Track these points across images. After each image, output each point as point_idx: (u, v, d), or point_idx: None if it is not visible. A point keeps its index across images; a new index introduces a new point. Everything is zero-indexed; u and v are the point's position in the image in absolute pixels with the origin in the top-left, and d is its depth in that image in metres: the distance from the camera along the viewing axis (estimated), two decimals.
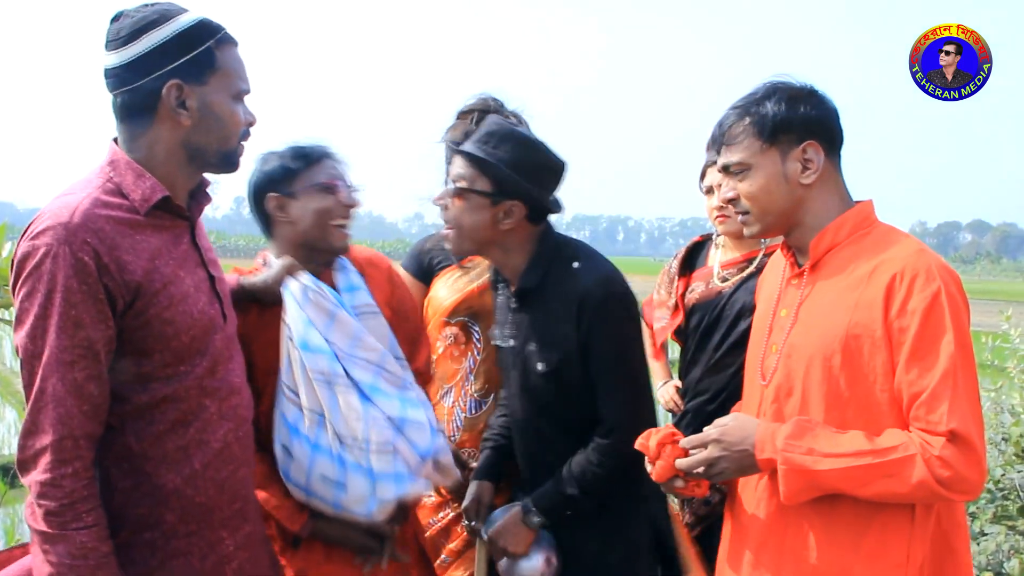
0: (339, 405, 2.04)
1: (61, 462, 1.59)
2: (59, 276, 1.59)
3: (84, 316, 1.61)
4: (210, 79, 1.76)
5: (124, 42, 1.71)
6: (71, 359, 1.60)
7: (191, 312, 1.75)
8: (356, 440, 2.04)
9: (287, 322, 2.09)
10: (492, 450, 2.53)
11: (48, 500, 1.59)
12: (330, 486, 2.06)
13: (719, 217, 2.88)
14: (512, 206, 2.19)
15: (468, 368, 2.74)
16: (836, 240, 1.87)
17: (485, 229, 2.22)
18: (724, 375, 2.72)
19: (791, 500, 1.77)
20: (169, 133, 1.76)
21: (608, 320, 2.18)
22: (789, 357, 1.88)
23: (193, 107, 1.75)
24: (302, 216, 2.20)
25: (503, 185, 2.18)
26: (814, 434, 1.75)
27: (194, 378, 1.75)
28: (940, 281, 1.72)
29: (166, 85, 1.72)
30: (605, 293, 2.19)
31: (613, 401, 2.20)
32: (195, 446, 1.75)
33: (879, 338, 1.74)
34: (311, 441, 2.05)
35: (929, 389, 1.68)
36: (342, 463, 2.05)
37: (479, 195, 2.19)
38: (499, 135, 2.22)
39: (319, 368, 2.04)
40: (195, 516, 1.76)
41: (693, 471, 1.87)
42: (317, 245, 2.21)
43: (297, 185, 2.20)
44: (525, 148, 2.21)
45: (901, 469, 1.67)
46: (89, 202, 1.66)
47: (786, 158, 1.86)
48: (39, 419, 1.60)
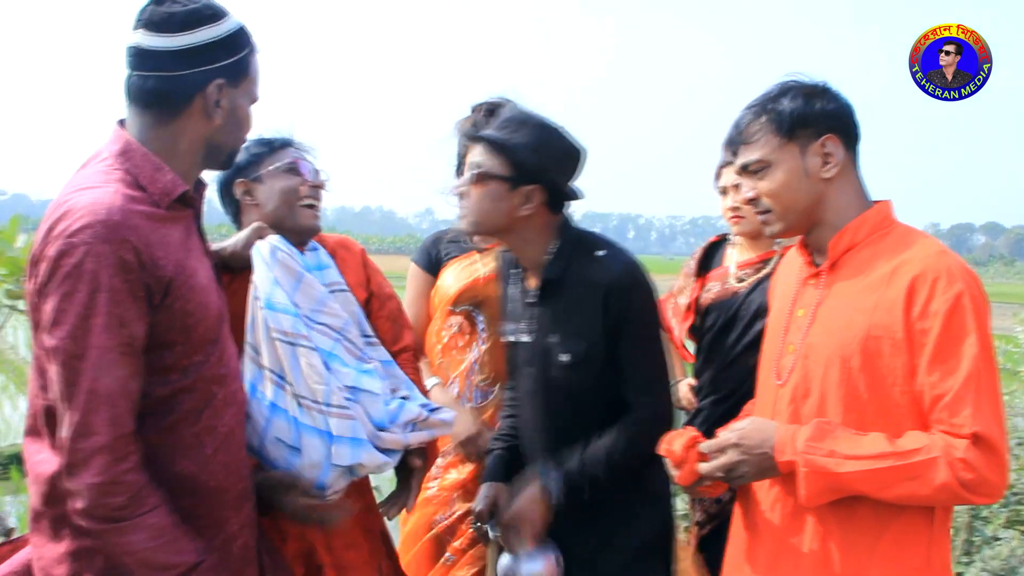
0: (300, 366, 2.01)
1: (119, 460, 1.59)
2: (102, 275, 1.57)
3: (127, 314, 1.60)
4: (242, 83, 1.79)
5: (176, 28, 1.70)
6: (117, 358, 1.60)
7: (207, 303, 1.76)
8: (317, 402, 2.01)
9: (254, 282, 2.08)
10: (503, 451, 2.50)
11: (113, 497, 1.59)
12: (284, 450, 2.03)
13: (734, 218, 2.88)
14: (531, 191, 2.18)
15: (473, 358, 2.75)
16: (855, 240, 1.86)
17: (504, 215, 2.20)
18: (739, 374, 2.72)
19: (811, 502, 1.76)
20: (197, 127, 1.76)
21: (638, 305, 2.18)
22: (807, 358, 1.86)
23: (225, 107, 1.77)
24: (269, 197, 2.24)
25: (522, 169, 2.17)
26: (834, 436, 1.74)
27: (208, 367, 1.76)
28: (962, 283, 1.71)
29: (212, 82, 1.73)
30: (632, 280, 2.18)
31: (643, 387, 2.19)
32: (206, 433, 1.76)
33: (900, 340, 1.73)
34: (269, 401, 2.02)
35: (953, 392, 1.67)
36: (297, 426, 2.01)
37: (498, 180, 2.18)
38: (517, 120, 2.21)
39: (282, 328, 2.02)
40: (206, 499, 1.77)
41: (714, 475, 1.87)
42: (286, 224, 2.23)
43: (262, 169, 2.25)
44: (544, 132, 2.20)
45: (924, 471, 1.66)
46: (122, 198, 1.64)
47: (806, 153, 1.86)
48: (90, 421, 1.58)
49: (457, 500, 2.73)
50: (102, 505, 1.60)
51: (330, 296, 2.15)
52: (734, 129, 1.95)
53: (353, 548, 2.23)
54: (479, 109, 2.77)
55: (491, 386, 2.75)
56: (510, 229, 2.23)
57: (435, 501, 2.75)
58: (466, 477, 2.75)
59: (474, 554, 2.65)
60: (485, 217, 2.21)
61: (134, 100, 1.76)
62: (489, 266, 2.75)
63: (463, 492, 2.74)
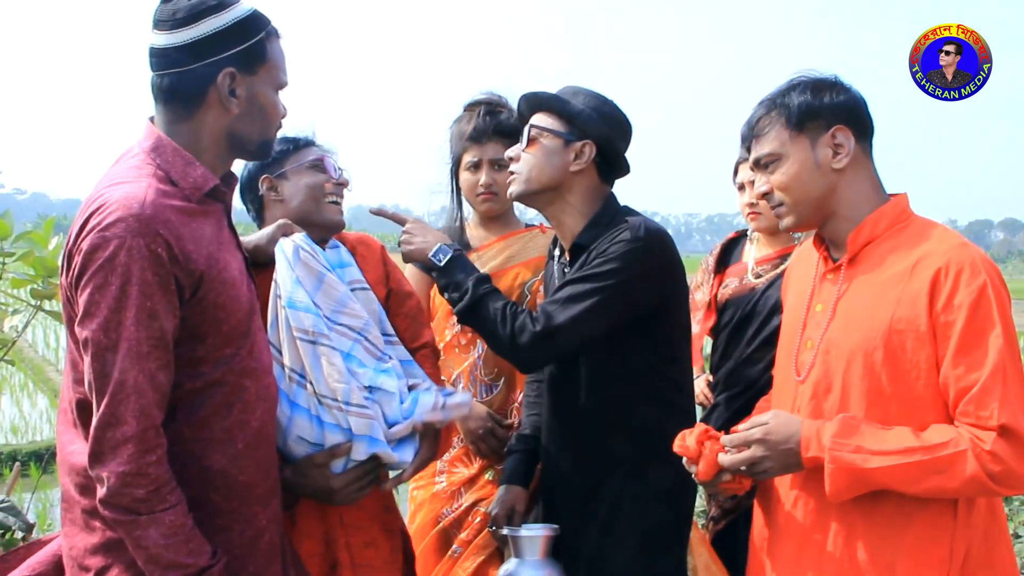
0: (321, 365, 2.03)
1: (145, 451, 1.61)
2: (134, 268, 1.59)
3: (159, 307, 1.62)
4: (259, 70, 1.79)
5: (180, 24, 1.72)
6: (148, 350, 1.61)
7: (238, 296, 1.77)
8: (336, 401, 2.03)
9: (276, 280, 2.09)
10: (521, 454, 2.50)
11: (135, 488, 1.60)
12: (306, 447, 2.06)
13: (751, 214, 2.89)
14: (584, 145, 2.20)
15: (477, 355, 2.77)
16: (874, 234, 1.85)
17: (556, 170, 2.21)
18: (756, 369, 2.73)
19: (837, 498, 1.75)
20: (215, 119, 1.77)
21: (623, 255, 2.11)
22: (827, 353, 1.86)
23: (242, 96, 1.77)
24: (294, 193, 2.25)
25: (575, 123, 2.21)
26: (860, 432, 1.73)
27: (239, 360, 1.78)
28: (985, 275, 1.71)
29: (221, 72, 1.73)
30: (638, 241, 2.12)
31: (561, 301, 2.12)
32: (238, 427, 1.77)
33: (923, 333, 1.73)
34: (290, 399, 2.04)
35: (979, 384, 1.67)
36: (320, 423, 2.04)
37: (552, 135, 2.21)
38: (571, 90, 2.28)
39: (303, 326, 2.03)
40: (236, 494, 1.78)
41: (737, 469, 1.86)
42: (312, 220, 2.24)
43: (287, 165, 2.27)
44: (597, 99, 2.26)
45: (952, 465, 1.66)
46: (154, 192, 1.66)
47: (816, 144, 1.86)
48: (119, 411, 1.60)
49: (464, 492, 2.74)
50: (124, 495, 1.61)
51: (351, 296, 2.15)
52: (746, 126, 1.97)
53: (372, 547, 2.22)
54: (475, 107, 2.78)
55: (495, 381, 2.76)
56: (559, 187, 2.23)
57: (442, 496, 2.76)
58: (474, 472, 2.75)
59: (479, 544, 2.65)
60: (538, 173, 2.22)
61: (157, 98, 1.78)
62: (488, 265, 2.75)
63: (471, 484, 2.74)
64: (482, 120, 2.73)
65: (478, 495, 2.71)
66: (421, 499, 2.81)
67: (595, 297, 2.10)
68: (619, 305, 2.13)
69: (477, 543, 2.65)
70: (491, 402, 2.76)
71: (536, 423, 2.49)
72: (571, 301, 2.11)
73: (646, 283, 2.15)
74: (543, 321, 2.11)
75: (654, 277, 2.17)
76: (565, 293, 2.13)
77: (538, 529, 2.24)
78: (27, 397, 9.35)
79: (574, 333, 2.12)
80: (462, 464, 2.77)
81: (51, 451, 6.58)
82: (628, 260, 2.11)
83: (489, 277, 2.24)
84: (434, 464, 2.80)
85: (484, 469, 2.73)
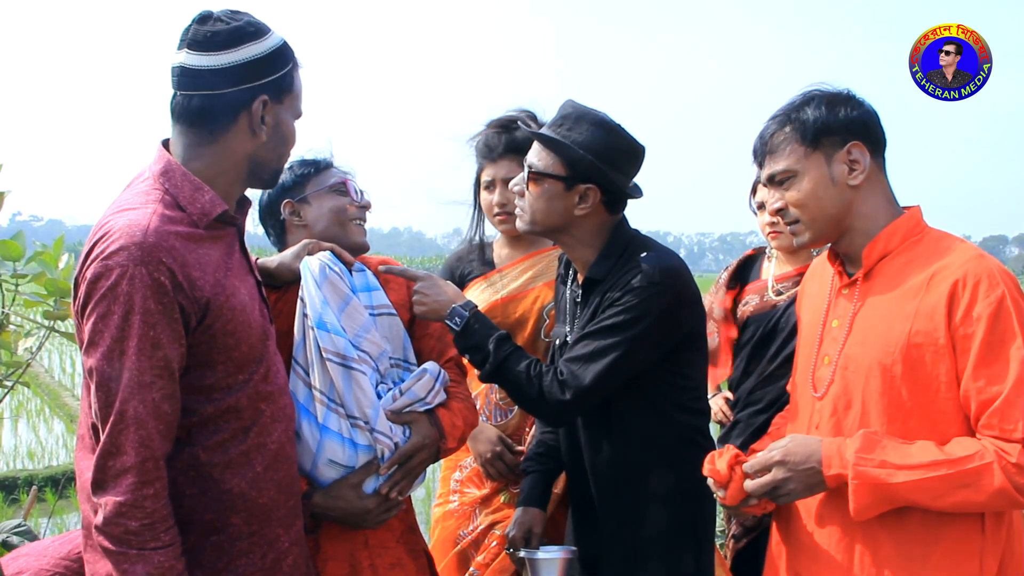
0: (352, 388, 2.02)
1: (143, 483, 1.59)
2: (136, 297, 1.58)
3: (162, 336, 1.61)
4: (285, 99, 1.80)
5: (220, 47, 1.71)
6: (150, 380, 1.60)
7: (249, 322, 1.76)
8: (367, 423, 2.02)
9: (304, 299, 2.07)
10: (538, 474, 2.45)
11: (129, 520, 1.59)
12: (338, 470, 2.05)
13: (771, 233, 2.90)
14: (587, 190, 2.14)
15: None
16: (889, 247, 1.84)
17: (559, 215, 2.16)
18: (777, 387, 2.72)
19: (861, 516, 1.73)
20: (241, 145, 1.77)
21: (643, 300, 2.06)
22: (845, 368, 1.84)
23: (270, 124, 1.77)
24: (318, 217, 2.24)
25: (577, 168, 2.12)
26: (883, 447, 1.71)
27: (252, 385, 1.76)
28: (1004, 286, 1.69)
29: (257, 99, 1.74)
30: (659, 282, 2.07)
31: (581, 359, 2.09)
32: (255, 450, 1.76)
33: (942, 345, 1.71)
34: (320, 423, 2.02)
35: (1003, 396, 1.65)
36: (353, 446, 2.03)
37: (553, 179, 2.14)
38: (574, 117, 2.16)
39: (335, 348, 2.01)
40: (258, 517, 1.77)
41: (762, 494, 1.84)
42: (339, 243, 2.22)
43: (309, 189, 2.26)
44: (601, 130, 2.14)
45: (978, 478, 1.64)
46: (158, 219, 1.65)
47: (831, 161, 1.84)
48: (120, 441, 1.59)
49: (480, 514, 2.72)
50: (117, 524, 1.59)
51: (373, 323, 2.14)
52: (759, 141, 1.95)
53: (398, 567, 2.20)
54: (495, 125, 2.75)
55: (510, 406, 2.73)
56: (564, 229, 2.19)
57: (457, 515, 2.74)
58: (487, 492, 2.73)
59: (497, 568, 2.63)
60: (541, 216, 2.18)
61: (179, 119, 1.77)
62: (508, 287, 2.74)
63: (484, 505, 2.72)
64: (495, 138, 2.71)
65: (494, 517, 2.69)
66: (436, 517, 2.81)
67: (617, 351, 2.07)
68: (642, 353, 2.10)
69: (495, 567, 2.63)
70: (505, 426, 2.73)
71: (551, 441, 2.46)
72: (594, 358, 2.08)
73: (666, 325, 2.12)
74: (569, 382, 2.08)
75: (673, 318, 2.13)
76: (588, 349, 2.09)
77: (556, 552, 2.21)
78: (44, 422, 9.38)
79: (601, 389, 2.10)
80: (474, 484, 2.76)
81: (67, 476, 6.61)
82: (646, 308, 2.07)
83: (509, 336, 2.19)
84: (448, 483, 2.79)
85: (497, 490, 2.71)
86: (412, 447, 2.10)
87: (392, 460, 2.08)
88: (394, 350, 2.22)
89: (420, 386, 2.13)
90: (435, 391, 2.16)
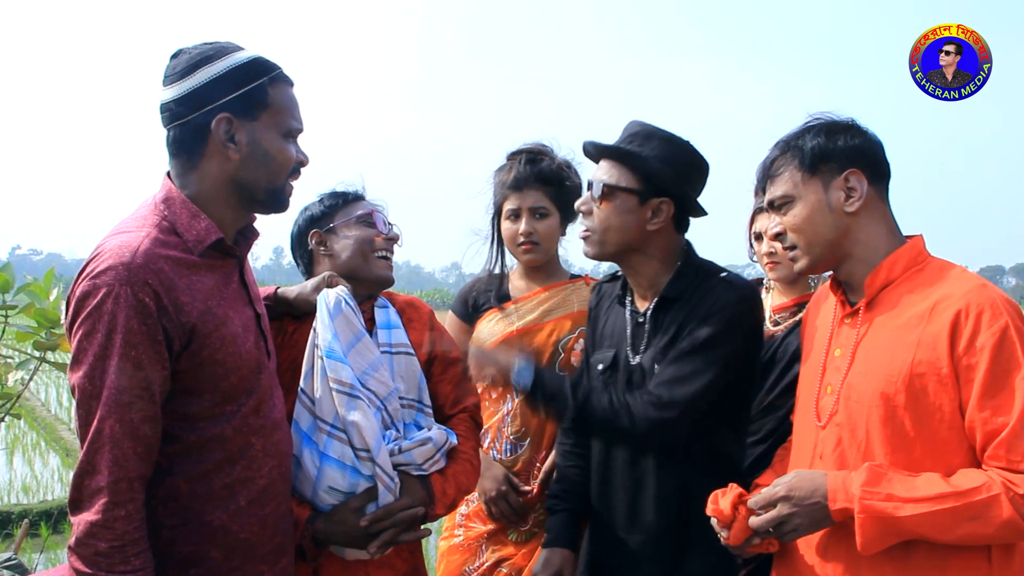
0: (357, 419, 2.00)
1: (115, 504, 1.58)
2: (120, 316, 1.58)
3: (143, 357, 1.60)
4: (261, 115, 1.77)
5: (179, 77, 1.74)
6: (129, 400, 1.59)
7: (240, 353, 1.75)
8: (368, 453, 2.01)
9: (316, 329, 2.07)
10: (567, 513, 2.35)
11: (98, 540, 1.57)
12: (338, 496, 2.03)
13: (769, 263, 2.89)
14: (661, 203, 2.12)
15: (506, 411, 2.72)
16: (891, 276, 1.84)
17: (632, 230, 2.13)
18: (775, 417, 2.70)
19: (869, 550, 1.70)
20: (218, 168, 1.76)
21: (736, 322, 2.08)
22: (848, 399, 1.83)
23: (242, 142, 1.76)
24: (344, 247, 2.22)
25: (652, 181, 2.11)
26: (889, 479, 1.69)
27: (241, 417, 1.75)
28: (1007, 316, 1.68)
29: (215, 118, 1.73)
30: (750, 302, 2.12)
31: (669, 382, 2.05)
32: (240, 484, 1.75)
33: (945, 375, 1.70)
34: (320, 450, 2.01)
35: (1009, 427, 1.64)
36: (355, 473, 2.02)
37: (627, 193, 2.12)
38: (643, 134, 2.15)
39: (341, 378, 2.01)
40: (239, 552, 1.75)
41: (766, 531, 1.81)
42: (361, 275, 2.21)
43: (337, 219, 2.25)
44: (671, 145, 2.13)
45: (986, 510, 1.62)
46: (149, 242, 1.66)
47: (829, 187, 1.85)
48: (95, 460, 1.58)
49: (487, 549, 2.69)
50: (87, 545, 1.58)
51: (383, 362, 2.13)
52: (761, 166, 1.96)
53: None
54: (516, 156, 2.75)
55: (520, 440, 2.70)
56: (636, 246, 2.16)
57: (462, 549, 2.72)
58: (492, 528, 2.70)
59: None
60: (613, 234, 2.14)
61: (168, 153, 1.79)
62: (524, 319, 2.73)
63: (491, 541, 2.69)
64: (523, 168, 2.70)
65: (501, 554, 2.66)
66: (442, 551, 2.79)
67: (716, 367, 2.04)
68: (732, 371, 2.09)
69: None
70: (515, 460, 2.70)
71: (575, 476, 2.37)
72: (694, 375, 2.04)
73: (750, 343, 2.14)
74: (670, 402, 2.03)
75: (757, 336, 2.16)
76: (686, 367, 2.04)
77: None
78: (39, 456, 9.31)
79: (702, 406, 2.06)
80: (479, 519, 2.73)
81: (62, 510, 6.55)
82: (735, 324, 2.07)
83: (579, 378, 2.15)
84: (454, 517, 2.76)
85: (505, 526, 2.68)
86: (399, 506, 2.07)
87: (375, 515, 2.04)
88: (408, 389, 2.19)
89: (419, 453, 2.11)
90: (434, 460, 2.14)
